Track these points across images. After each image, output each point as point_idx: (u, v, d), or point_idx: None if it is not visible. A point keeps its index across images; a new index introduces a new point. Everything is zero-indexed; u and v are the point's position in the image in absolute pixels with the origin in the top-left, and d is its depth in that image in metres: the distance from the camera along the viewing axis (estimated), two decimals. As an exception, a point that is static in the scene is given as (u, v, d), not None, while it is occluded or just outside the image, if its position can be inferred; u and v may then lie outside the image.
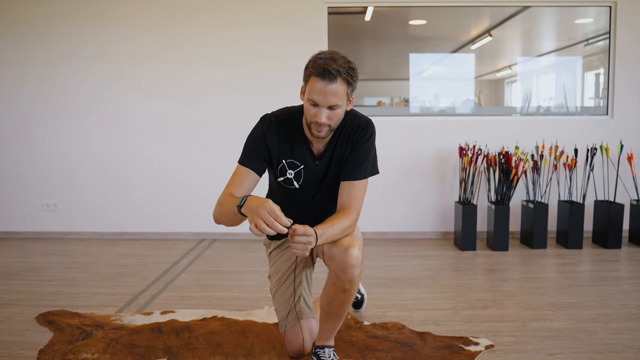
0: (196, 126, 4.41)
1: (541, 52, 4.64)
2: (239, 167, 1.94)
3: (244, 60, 4.32)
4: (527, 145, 4.27)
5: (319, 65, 1.73)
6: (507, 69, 4.69)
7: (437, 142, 4.39)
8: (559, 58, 4.65)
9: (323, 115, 1.76)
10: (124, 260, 3.78)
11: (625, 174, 4.25)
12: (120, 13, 4.32)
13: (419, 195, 4.44)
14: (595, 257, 3.79)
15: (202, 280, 3.28)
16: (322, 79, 1.72)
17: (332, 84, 1.72)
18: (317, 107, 1.77)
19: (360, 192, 1.89)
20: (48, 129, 4.45)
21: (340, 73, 1.73)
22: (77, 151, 4.46)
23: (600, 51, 4.49)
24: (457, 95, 4.68)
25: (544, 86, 4.67)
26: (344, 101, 1.79)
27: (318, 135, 1.82)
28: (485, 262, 3.72)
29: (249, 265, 3.65)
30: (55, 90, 4.41)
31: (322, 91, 1.73)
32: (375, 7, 4.39)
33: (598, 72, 4.58)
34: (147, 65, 4.36)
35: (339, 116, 1.81)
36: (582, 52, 4.56)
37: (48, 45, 4.37)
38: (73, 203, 4.50)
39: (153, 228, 4.50)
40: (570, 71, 4.64)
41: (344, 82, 1.75)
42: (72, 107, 4.43)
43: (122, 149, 4.44)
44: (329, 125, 1.80)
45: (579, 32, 4.53)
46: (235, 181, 1.92)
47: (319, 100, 1.75)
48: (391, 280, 3.25)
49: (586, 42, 4.51)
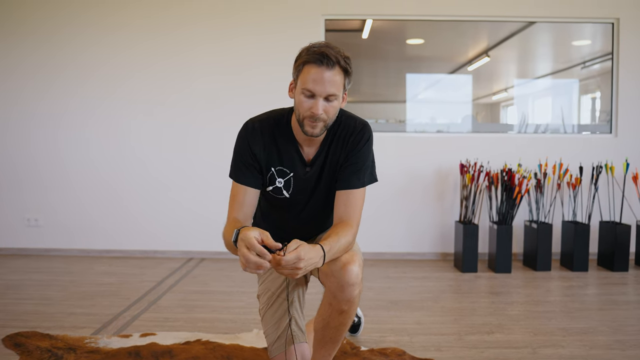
0: (185, 140, 4.25)
1: (538, 74, 4.54)
2: (235, 185, 1.76)
3: (240, 71, 4.19)
4: (530, 163, 4.12)
5: (314, 52, 1.57)
6: (503, 92, 4.57)
7: (436, 160, 4.23)
8: (555, 81, 4.54)
9: (320, 106, 1.59)
10: (105, 279, 3.57)
11: (630, 194, 4.10)
12: (114, 22, 4.19)
13: (417, 214, 4.26)
14: (603, 280, 3.61)
15: (187, 301, 3.07)
16: (319, 65, 1.56)
17: (331, 70, 1.57)
18: (312, 99, 1.60)
19: (358, 202, 1.71)
20: (29, 142, 4.27)
21: (339, 60, 1.57)
22: (59, 165, 4.27)
23: (597, 74, 4.39)
24: (454, 118, 4.55)
25: (540, 109, 4.55)
26: (341, 94, 1.63)
27: (312, 132, 1.64)
28: (488, 284, 3.53)
29: (238, 285, 3.45)
30: (40, 102, 4.25)
31: (320, 78, 1.57)
32: (374, 20, 4.28)
33: (594, 95, 4.48)
34: (136, 77, 4.21)
35: (335, 110, 1.65)
36: (578, 75, 4.45)
37: (36, 57, 4.22)
38: (55, 218, 4.30)
39: (139, 246, 4.29)
40: (566, 94, 4.52)
41: (341, 71, 1.60)
42: (54, 121, 4.26)
43: (106, 163, 4.26)
44: (324, 121, 1.63)
45: (577, 54, 4.43)
46: (234, 204, 1.74)
47: (316, 89, 1.58)
48: (390, 303, 3.06)
49: (583, 64, 4.40)
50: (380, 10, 4.19)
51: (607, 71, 4.30)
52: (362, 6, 4.19)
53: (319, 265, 1.48)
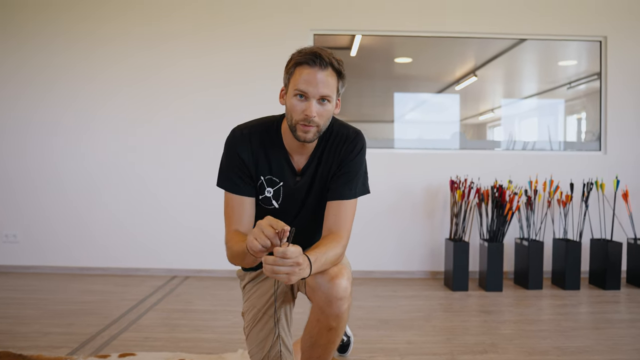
0: (169, 153, 4.16)
1: (524, 94, 4.53)
2: (228, 197, 1.67)
3: (228, 85, 4.13)
4: (519, 180, 4.09)
5: (306, 53, 1.52)
6: (489, 112, 4.56)
7: (426, 176, 4.18)
8: (541, 101, 4.53)
9: (313, 108, 1.52)
10: (85, 297, 3.43)
11: (620, 212, 4.07)
12: (101, 36, 4.12)
13: (406, 231, 4.19)
14: (595, 298, 3.55)
15: (169, 320, 2.95)
16: (312, 66, 1.51)
17: (324, 71, 1.51)
18: (305, 101, 1.54)
19: (349, 213, 1.64)
20: (6, 156, 4.16)
21: (332, 62, 1.52)
22: (39, 179, 4.15)
23: (583, 95, 4.40)
24: (442, 136, 4.51)
25: (526, 130, 4.53)
26: (334, 96, 1.57)
27: (305, 137, 1.57)
28: (479, 303, 3.45)
29: (223, 304, 3.34)
30: (16, 114, 4.15)
31: (312, 79, 1.51)
32: (362, 38, 4.26)
33: (580, 116, 4.48)
34: (114, 95, 4.14)
35: (328, 115, 1.58)
36: (564, 95, 4.45)
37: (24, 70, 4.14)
38: (34, 234, 4.16)
39: (120, 263, 4.16)
40: (552, 115, 4.52)
41: (334, 72, 1.54)
42: (34, 134, 4.15)
43: (87, 178, 4.15)
44: (318, 125, 1.56)
45: (563, 74, 4.44)
46: (232, 216, 1.65)
47: (309, 90, 1.52)
48: (379, 322, 2.96)
49: (569, 85, 4.41)
50: (370, 26, 4.17)
51: (593, 91, 4.31)
52: (352, 22, 4.17)
53: (305, 275, 1.39)
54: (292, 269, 1.32)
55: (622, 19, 4.17)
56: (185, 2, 4.13)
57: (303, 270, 1.36)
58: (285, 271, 1.31)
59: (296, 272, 1.32)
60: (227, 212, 1.67)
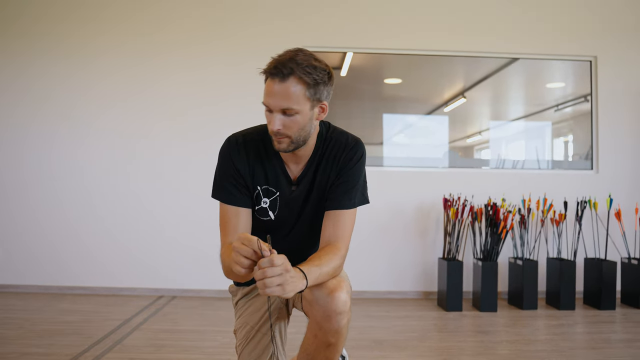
0: (157, 169, 4.07)
1: (512, 116, 4.53)
2: (224, 208, 1.59)
3: (217, 101, 4.07)
4: (512, 199, 4.05)
5: (271, 62, 1.45)
6: (477, 134, 4.55)
7: (418, 195, 4.13)
8: (529, 123, 4.52)
9: (276, 122, 1.46)
10: (67, 317, 3.30)
11: (613, 230, 4.04)
12: (92, 51, 4.07)
13: (398, 251, 4.12)
14: (591, 318, 3.49)
15: (155, 340, 2.84)
16: (272, 78, 1.44)
17: (283, 83, 1.43)
18: (271, 114, 1.48)
19: (349, 223, 1.57)
20: None
21: (294, 71, 1.42)
22: (19, 195, 4.03)
23: (570, 117, 4.41)
24: (431, 156, 4.49)
25: (514, 153, 4.50)
26: (303, 106, 1.47)
27: (278, 147, 1.51)
28: (474, 323, 3.38)
29: (212, 324, 3.23)
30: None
31: (271, 91, 1.45)
32: (353, 57, 4.24)
33: (567, 139, 4.49)
34: (119, 106, 4.07)
35: (299, 125, 1.49)
36: (551, 117, 4.46)
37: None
38: (13, 252, 4.02)
39: (105, 282, 4.03)
40: (539, 137, 4.52)
41: (299, 82, 1.44)
42: (7, 146, 4.06)
43: (70, 192, 4.04)
44: (288, 136, 1.49)
45: (550, 96, 4.45)
46: (228, 228, 1.57)
47: (270, 102, 1.46)
48: (373, 342, 2.87)
49: (556, 107, 4.42)
50: (361, 43, 4.17)
51: (580, 114, 4.33)
52: (343, 39, 4.16)
53: (302, 287, 1.31)
54: (283, 277, 1.24)
55: (612, 39, 4.21)
56: (180, 15, 4.09)
57: (296, 280, 1.28)
58: (277, 282, 1.23)
59: (288, 280, 1.25)
60: (222, 224, 1.59)
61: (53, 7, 4.07)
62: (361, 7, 4.17)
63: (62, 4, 4.07)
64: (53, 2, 4.07)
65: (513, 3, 4.22)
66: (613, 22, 4.22)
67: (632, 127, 4.23)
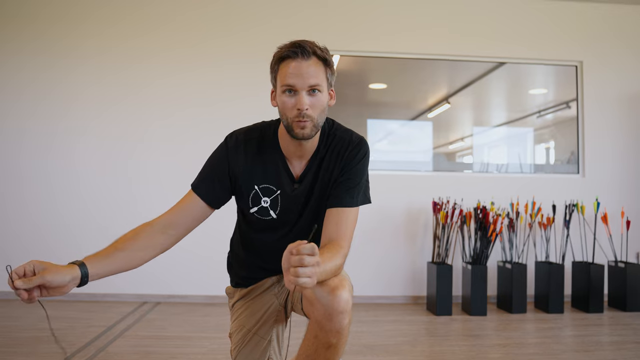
0: (143, 169, 3.98)
1: (495, 122, 4.54)
2: (188, 193, 1.56)
3: (210, 103, 4.01)
4: (500, 202, 4.05)
5: (287, 46, 1.44)
6: (459, 141, 4.55)
7: (406, 199, 4.10)
8: (511, 129, 4.54)
9: (304, 100, 1.43)
10: (47, 324, 3.18)
11: (600, 234, 4.06)
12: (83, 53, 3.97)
13: (387, 256, 4.08)
14: (580, 321, 3.49)
15: (140, 347, 2.74)
16: (295, 58, 1.42)
17: (307, 61, 1.43)
18: (295, 95, 1.44)
19: (351, 221, 1.52)
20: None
21: (315, 50, 1.44)
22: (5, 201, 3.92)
23: (552, 123, 4.44)
24: (416, 159, 4.47)
25: (496, 158, 4.51)
26: (325, 85, 1.48)
27: (302, 133, 1.45)
28: (465, 327, 3.35)
29: (199, 330, 3.14)
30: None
31: (298, 71, 1.42)
32: (340, 59, 4.21)
33: (548, 145, 4.52)
34: (111, 110, 3.97)
35: (322, 105, 1.48)
36: (533, 123, 4.49)
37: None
38: (-6, 258, 3.89)
39: (87, 288, 3.86)
40: (521, 143, 4.53)
41: (319, 61, 1.45)
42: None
43: (52, 193, 3.92)
44: (313, 119, 1.45)
45: (533, 102, 4.48)
46: (173, 207, 1.54)
47: (297, 82, 1.42)
48: (365, 347, 2.82)
49: (539, 114, 4.45)
50: (348, 46, 4.14)
51: (562, 120, 4.36)
52: (332, 41, 4.11)
53: (313, 283, 1.24)
54: (314, 269, 1.15)
55: (597, 44, 4.26)
56: (172, 17, 4.03)
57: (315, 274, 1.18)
58: (309, 273, 1.14)
59: (316, 273, 1.17)
60: (177, 203, 1.56)
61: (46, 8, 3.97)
62: (347, 9, 4.15)
63: (54, 5, 3.97)
64: (45, 4, 3.97)
65: (500, 7, 4.24)
66: (599, 28, 4.26)
67: (618, 131, 4.27)
